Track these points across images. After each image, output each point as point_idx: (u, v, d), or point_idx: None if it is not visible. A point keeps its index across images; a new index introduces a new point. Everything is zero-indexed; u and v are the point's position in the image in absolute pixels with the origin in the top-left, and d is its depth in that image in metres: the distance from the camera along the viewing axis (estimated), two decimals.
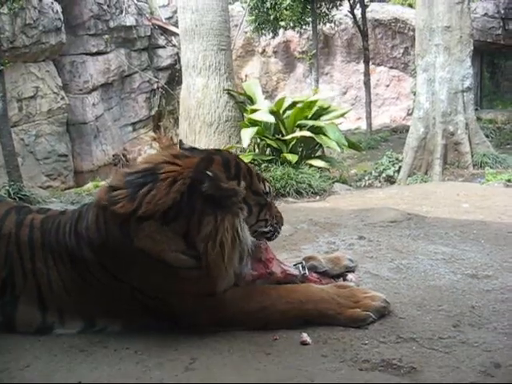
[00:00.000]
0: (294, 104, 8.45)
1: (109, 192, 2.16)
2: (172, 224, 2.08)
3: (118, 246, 2.12)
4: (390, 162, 10.53)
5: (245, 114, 9.07)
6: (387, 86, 19.55)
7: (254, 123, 8.20)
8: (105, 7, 15.17)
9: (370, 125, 15.99)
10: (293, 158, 7.62)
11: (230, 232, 2.09)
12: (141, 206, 2.07)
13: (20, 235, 2.30)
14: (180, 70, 10.35)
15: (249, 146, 7.93)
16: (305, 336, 2.08)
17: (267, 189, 2.36)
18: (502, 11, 17.41)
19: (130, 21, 16.02)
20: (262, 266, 2.26)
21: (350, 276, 2.56)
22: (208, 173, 2.05)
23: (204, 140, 9.07)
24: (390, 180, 10.22)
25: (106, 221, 2.14)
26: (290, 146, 8.09)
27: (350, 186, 8.99)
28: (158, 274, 2.10)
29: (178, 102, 11.38)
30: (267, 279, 2.32)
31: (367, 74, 15.91)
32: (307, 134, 7.91)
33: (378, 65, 19.45)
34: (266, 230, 2.35)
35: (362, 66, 16.87)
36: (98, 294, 2.21)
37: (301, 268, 2.42)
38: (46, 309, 2.26)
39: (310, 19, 14.58)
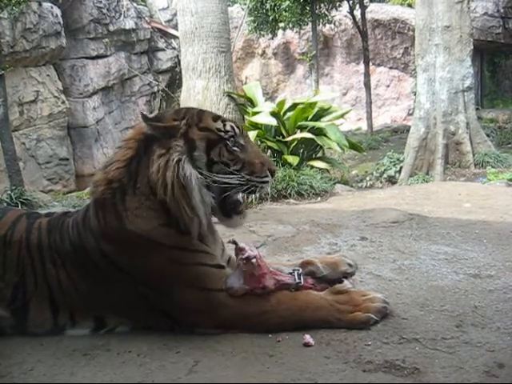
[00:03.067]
0: (294, 105, 8.42)
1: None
2: (139, 179, 2.18)
3: (113, 233, 2.19)
4: (391, 162, 10.53)
5: (245, 116, 9.06)
6: (387, 86, 19.56)
7: (254, 126, 8.19)
8: (104, 11, 15.21)
9: (370, 125, 16.00)
10: (294, 160, 7.61)
11: (170, 167, 2.12)
12: (110, 170, 2.22)
13: (30, 239, 2.35)
14: (180, 72, 10.33)
15: None
16: (308, 338, 2.08)
17: (228, 128, 2.26)
18: (502, 10, 17.41)
19: (129, 24, 16.05)
20: (254, 281, 2.23)
21: (345, 282, 2.48)
22: (147, 115, 2.21)
23: None
24: (392, 180, 10.22)
25: (103, 211, 2.23)
26: (291, 147, 8.08)
27: (352, 186, 8.98)
28: (148, 251, 2.15)
29: (179, 104, 11.39)
30: (260, 292, 2.29)
31: (367, 74, 15.91)
32: (308, 135, 7.89)
33: (378, 65, 19.46)
34: (231, 180, 2.19)
35: (362, 67, 16.88)
36: (105, 288, 2.22)
37: (296, 276, 2.36)
38: (57, 310, 2.28)
39: (310, 20, 14.59)
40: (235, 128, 2.28)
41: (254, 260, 2.23)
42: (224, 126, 2.26)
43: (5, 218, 2.45)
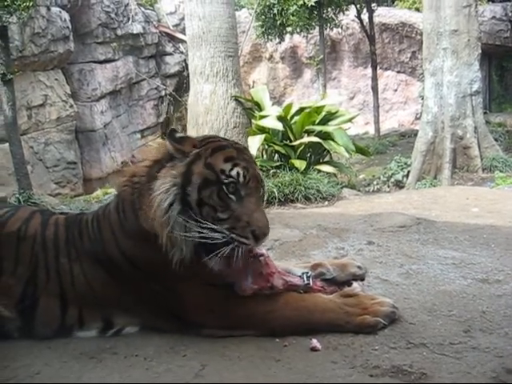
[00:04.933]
0: (301, 109, 8.42)
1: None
2: (153, 184, 2.17)
3: (130, 227, 2.24)
4: (398, 166, 10.51)
5: (253, 120, 9.07)
6: (395, 90, 19.53)
7: (261, 130, 8.20)
8: (112, 15, 15.27)
9: (378, 129, 15.97)
10: (301, 164, 7.61)
11: (160, 199, 2.09)
12: (139, 165, 2.31)
13: (46, 234, 2.37)
14: (188, 76, 10.36)
15: (256, 151, 7.93)
16: (315, 342, 2.08)
17: (233, 173, 2.10)
18: (510, 14, 17.36)
19: (137, 28, 16.11)
20: (262, 280, 2.23)
21: (355, 284, 2.46)
22: (175, 132, 2.21)
23: None
24: (399, 184, 10.20)
25: (123, 204, 2.29)
26: (298, 151, 8.07)
27: (359, 191, 8.97)
28: (160, 248, 2.12)
29: (186, 108, 11.39)
30: (268, 292, 2.26)
31: (375, 78, 15.91)
32: (315, 139, 7.89)
33: (386, 69, 19.44)
34: (210, 233, 2.04)
35: (369, 71, 16.88)
36: (119, 283, 2.25)
37: (305, 278, 2.35)
38: (66, 308, 2.29)
39: (317, 24, 14.60)
40: (241, 176, 2.11)
41: (261, 258, 2.23)
42: (231, 169, 2.10)
43: (17, 215, 2.47)
